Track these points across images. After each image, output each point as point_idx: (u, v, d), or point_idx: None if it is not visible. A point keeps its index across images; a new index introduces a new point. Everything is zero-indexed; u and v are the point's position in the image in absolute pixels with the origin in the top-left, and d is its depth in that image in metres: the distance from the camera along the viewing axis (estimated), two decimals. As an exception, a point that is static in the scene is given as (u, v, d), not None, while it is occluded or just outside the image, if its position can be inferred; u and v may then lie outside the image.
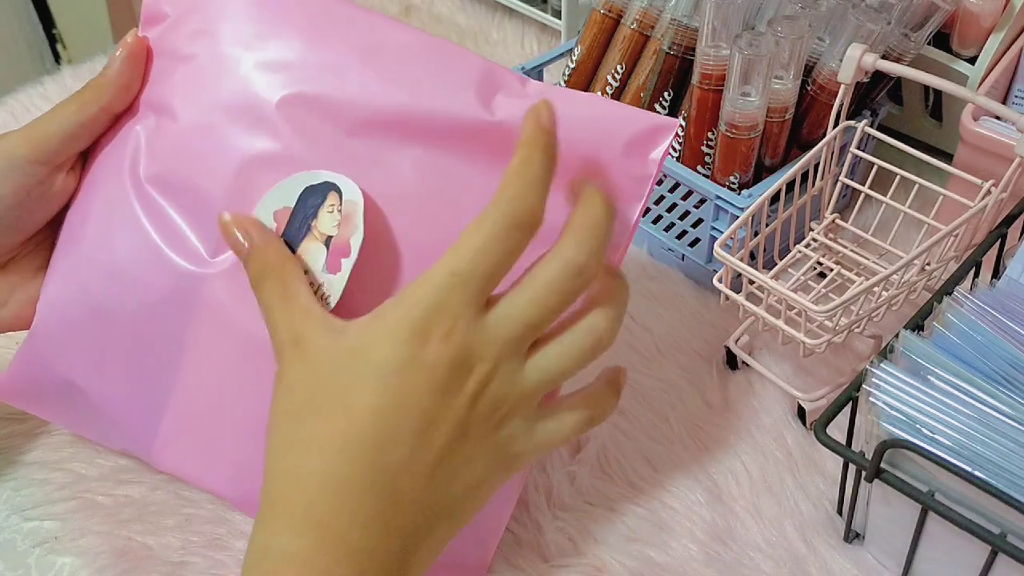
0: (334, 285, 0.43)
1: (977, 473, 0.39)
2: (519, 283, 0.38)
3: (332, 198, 0.43)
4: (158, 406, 0.46)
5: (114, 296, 0.45)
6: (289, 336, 0.38)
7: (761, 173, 0.60)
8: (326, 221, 0.43)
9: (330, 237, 0.43)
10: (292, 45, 0.45)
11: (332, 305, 0.42)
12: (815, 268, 0.59)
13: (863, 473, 0.43)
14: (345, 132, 0.44)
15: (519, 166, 0.37)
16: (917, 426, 0.41)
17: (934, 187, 0.56)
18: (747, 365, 0.57)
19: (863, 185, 0.58)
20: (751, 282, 0.51)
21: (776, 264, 0.59)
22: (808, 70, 0.59)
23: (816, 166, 0.57)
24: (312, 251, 0.43)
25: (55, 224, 0.48)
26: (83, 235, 0.47)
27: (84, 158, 0.48)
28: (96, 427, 0.49)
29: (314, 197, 0.44)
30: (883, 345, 0.47)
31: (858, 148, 0.57)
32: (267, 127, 0.44)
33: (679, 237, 0.62)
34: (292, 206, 0.44)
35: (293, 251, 0.44)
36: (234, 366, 0.44)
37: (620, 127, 0.42)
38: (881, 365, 0.43)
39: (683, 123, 0.61)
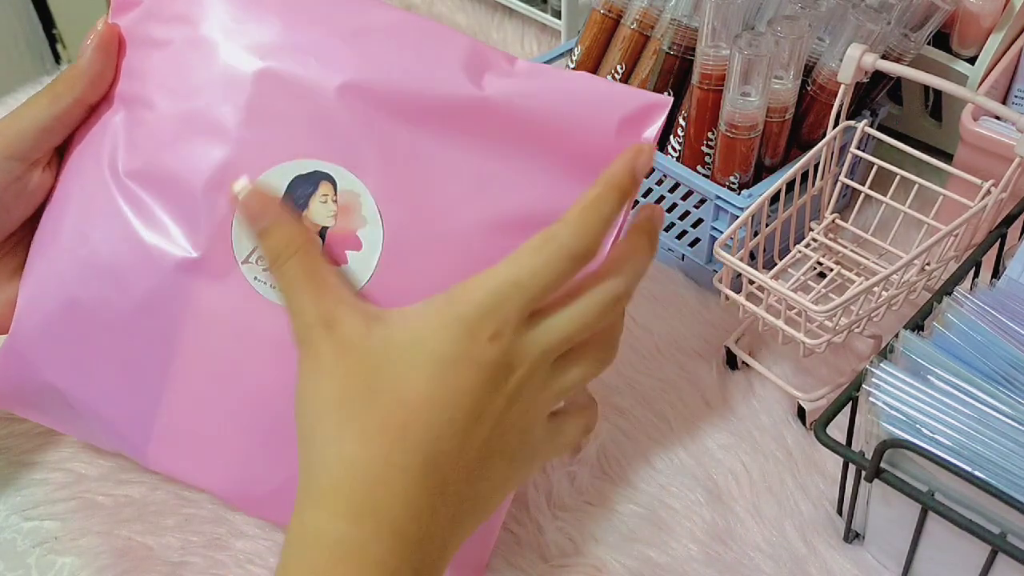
0: None
1: (977, 473, 0.39)
2: (564, 301, 0.39)
3: (324, 187, 0.42)
4: (149, 405, 0.45)
5: (96, 294, 0.44)
6: (320, 319, 0.38)
7: (761, 173, 0.60)
8: (320, 211, 0.42)
9: (325, 228, 0.43)
10: (273, 28, 0.43)
11: None
12: (815, 268, 0.59)
13: (863, 473, 0.43)
14: (335, 116, 0.42)
15: (596, 201, 0.39)
16: (917, 426, 0.41)
17: (934, 187, 0.56)
18: (747, 365, 0.57)
19: (863, 185, 0.58)
20: (751, 282, 0.51)
21: (776, 264, 0.59)
22: (808, 70, 0.59)
23: (816, 166, 0.57)
24: None
25: (33, 224, 0.47)
26: (61, 232, 0.45)
27: (60, 154, 0.46)
28: (85, 428, 0.48)
29: (304, 186, 0.43)
30: (883, 345, 0.47)
31: (858, 148, 0.57)
32: (250, 113, 0.43)
33: (679, 237, 0.62)
34: (280, 197, 0.42)
35: None
36: (227, 360, 0.44)
37: (614, 106, 0.42)
38: (881, 365, 0.43)
39: (683, 123, 0.61)
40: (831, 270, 0.59)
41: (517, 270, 0.38)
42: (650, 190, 0.62)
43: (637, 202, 0.63)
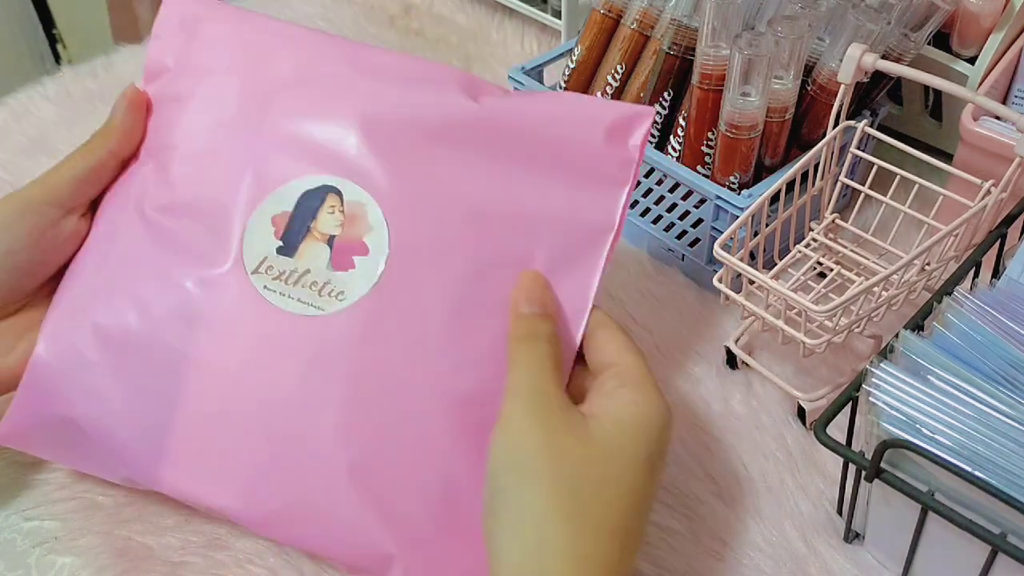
0: (346, 282, 0.44)
1: (977, 473, 0.39)
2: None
3: (332, 199, 0.45)
4: (163, 423, 0.45)
5: (116, 317, 0.46)
6: (562, 401, 0.40)
7: (761, 173, 0.60)
8: (327, 222, 0.45)
9: (332, 236, 0.45)
10: (287, 67, 0.47)
11: (351, 300, 0.44)
12: (815, 268, 0.59)
13: (863, 473, 0.43)
14: (343, 134, 0.45)
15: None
16: (917, 426, 0.41)
17: (934, 187, 0.56)
18: (747, 365, 0.57)
19: (863, 185, 0.58)
20: (751, 282, 0.51)
21: (776, 264, 0.59)
22: (808, 70, 0.59)
23: (816, 166, 0.57)
24: (313, 251, 0.45)
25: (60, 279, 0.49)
26: (86, 266, 0.48)
27: (95, 208, 0.49)
28: (95, 457, 0.47)
29: (312, 200, 0.45)
30: (883, 345, 0.47)
31: (858, 148, 0.57)
32: (271, 138, 0.46)
33: (679, 237, 0.62)
34: (290, 211, 0.45)
35: (293, 253, 0.45)
36: (237, 371, 0.44)
37: (599, 120, 0.45)
38: (881, 365, 0.43)
39: (683, 123, 0.61)
40: (831, 270, 0.59)
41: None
42: (650, 190, 0.62)
43: (636, 202, 0.63)
